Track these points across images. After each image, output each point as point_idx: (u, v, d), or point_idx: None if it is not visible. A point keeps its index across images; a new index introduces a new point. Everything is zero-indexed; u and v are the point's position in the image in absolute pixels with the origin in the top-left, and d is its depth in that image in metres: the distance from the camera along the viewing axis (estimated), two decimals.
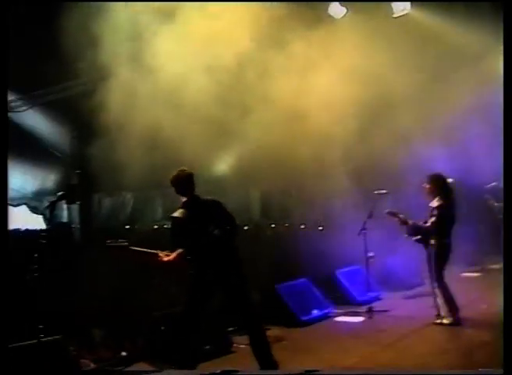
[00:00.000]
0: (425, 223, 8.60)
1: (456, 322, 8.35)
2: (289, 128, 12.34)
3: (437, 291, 8.55)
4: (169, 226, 6.86)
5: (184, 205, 6.49)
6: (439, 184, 8.64)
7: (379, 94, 12.14)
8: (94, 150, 17.87)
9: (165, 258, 6.33)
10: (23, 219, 24.41)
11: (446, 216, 8.51)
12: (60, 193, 5.48)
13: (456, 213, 8.74)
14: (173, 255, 6.31)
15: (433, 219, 8.51)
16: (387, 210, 8.96)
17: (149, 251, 6.47)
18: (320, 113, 11.89)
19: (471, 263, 13.55)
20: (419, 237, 8.64)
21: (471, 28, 12.33)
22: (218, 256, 6.33)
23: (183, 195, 6.57)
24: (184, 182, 6.57)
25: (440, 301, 8.52)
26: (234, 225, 6.61)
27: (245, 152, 18.03)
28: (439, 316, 8.49)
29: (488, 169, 12.37)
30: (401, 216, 8.77)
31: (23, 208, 25.21)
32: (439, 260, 8.53)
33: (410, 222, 8.72)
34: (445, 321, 8.41)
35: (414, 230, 8.68)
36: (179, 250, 6.32)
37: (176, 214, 6.47)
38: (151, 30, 10.73)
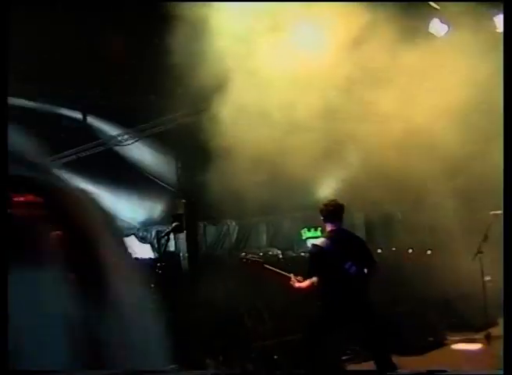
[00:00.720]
0: None
1: None
2: (395, 147, 12.15)
3: None
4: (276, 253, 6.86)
5: (328, 235, 6.44)
6: None
7: (490, 108, 11.80)
8: (199, 180, 18.25)
9: (297, 284, 6.31)
10: (132, 249, 25.15)
11: None
12: (174, 224, 5.56)
13: None
14: (306, 283, 6.29)
15: None
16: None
17: (283, 272, 6.47)
18: (428, 128, 11.67)
19: None
20: None
21: None
22: (351, 293, 6.23)
23: (332, 225, 6.51)
24: (335, 213, 6.54)
25: None
26: (374, 266, 6.51)
27: (348, 175, 17.92)
28: None
29: None
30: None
31: (132, 238, 25.98)
32: None
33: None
34: None
35: None
36: (313, 279, 6.26)
37: (318, 242, 6.44)
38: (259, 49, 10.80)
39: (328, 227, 6.46)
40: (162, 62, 11.00)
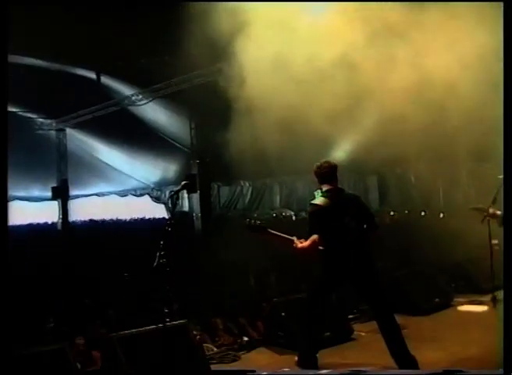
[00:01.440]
0: None
1: None
2: (407, 113, 12.12)
3: None
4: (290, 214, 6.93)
5: (326, 195, 6.51)
6: None
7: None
8: (213, 140, 18.29)
9: (299, 245, 6.40)
10: (146, 208, 25.35)
11: None
12: (184, 182, 5.61)
13: None
14: (307, 243, 6.37)
15: None
16: (471, 206, 9.20)
17: (286, 236, 6.57)
18: (442, 99, 11.61)
19: None
20: None
21: None
22: (352, 248, 6.32)
23: (327, 185, 6.58)
24: (329, 173, 6.60)
25: None
26: (372, 221, 6.59)
27: (362, 138, 17.89)
28: None
29: None
30: (490, 210, 8.64)
31: (146, 198, 26.16)
32: None
33: (498, 212, 8.54)
34: None
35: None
36: (314, 237, 6.35)
37: (317, 201, 6.50)
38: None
39: (325, 187, 6.52)
40: (177, 21, 10.99)
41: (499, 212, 8.62)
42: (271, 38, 10.87)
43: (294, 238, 6.50)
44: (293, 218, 19.91)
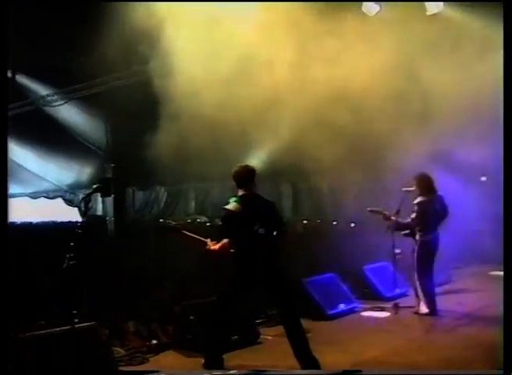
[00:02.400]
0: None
1: (432, 313, 8.94)
2: (320, 123, 12.45)
3: (417, 283, 9.09)
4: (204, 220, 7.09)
5: (240, 199, 6.66)
6: (421, 182, 9.10)
7: (409, 90, 12.26)
8: (128, 144, 18.17)
9: (212, 247, 6.56)
10: (59, 211, 24.89)
11: (427, 213, 8.98)
12: (95, 185, 5.68)
13: (442, 211, 9.31)
14: (218, 245, 6.53)
15: (413, 215, 9.13)
16: (369, 208, 9.66)
17: (199, 238, 6.72)
18: (356, 107, 12.00)
19: (499, 262, 13.59)
20: (408, 231, 9.27)
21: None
22: (261, 254, 6.51)
23: (242, 189, 6.74)
24: (246, 177, 6.76)
25: (420, 292, 9.05)
26: (283, 229, 6.79)
27: (277, 147, 18.18)
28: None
29: None
30: (385, 212, 9.37)
31: (59, 200, 25.68)
32: (420, 255, 9.09)
33: (393, 218, 9.22)
34: (421, 311, 8.97)
35: (397, 225, 9.28)
36: (224, 240, 6.52)
37: (229, 207, 6.65)
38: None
39: (240, 192, 6.71)
40: (94, 22, 10.96)
41: (393, 218, 9.12)
42: (193, 39, 10.98)
43: (208, 240, 6.67)
44: (208, 224, 19.99)
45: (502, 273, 12.77)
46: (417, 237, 9.14)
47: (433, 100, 12.43)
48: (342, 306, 9.27)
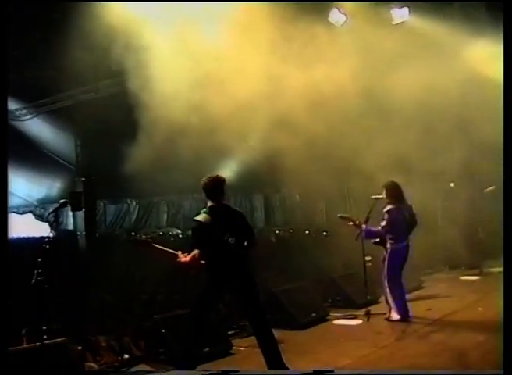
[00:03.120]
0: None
1: (403, 319, 8.97)
2: (292, 132, 12.51)
3: (388, 290, 9.13)
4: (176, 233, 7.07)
5: (209, 210, 6.67)
6: (390, 191, 9.18)
7: (374, 103, 12.44)
8: (99, 158, 18.08)
9: (183, 259, 6.55)
10: (29, 226, 24.65)
11: (397, 221, 9.04)
12: (62, 200, 5.66)
13: (411, 219, 9.34)
14: (189, 257, 6.53)
15: (383, 223, 9.18)
16: (339, 215, 9.69)
17: (170, 250, 6.71)
18: (326, 116, 12.09)
19: (469, 267, 13.83)
20: (378, 239, 9.33)
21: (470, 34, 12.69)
22: (231, 264, 6.53)
23: (212, 200, 6.76)
24: (215, 188, 6.78)
25: (390, 299, 9.09)
26: (252, 239, 6.82)
27: (248, 158, 18.22)
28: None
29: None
30: (356, 221, 9.39)
31: (29, 216, 25.43)
32: (391, 263, 9.15)
33: (364, 226, 9.27)
34: (393, 317, 9.00)
35: (367, 233, 9.32)
36: (195, 251, 6.52)
37: (199, 218, 6.65)
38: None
39: (209, 203, 6.74)
40: (62, 37, 10.92)
41: (363, 226, 9.20)
42: (165, 50, 10.98)
43: (179, 253, 6.67)
44: (180, 236, 19.93)
45: (472, 277, 12.93)
46: (388, 245, 9.19)
47: (399, 107, 12.60)
48: (314, 315, 9.28)
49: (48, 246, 5.27)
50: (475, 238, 14.55)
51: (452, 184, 16.11)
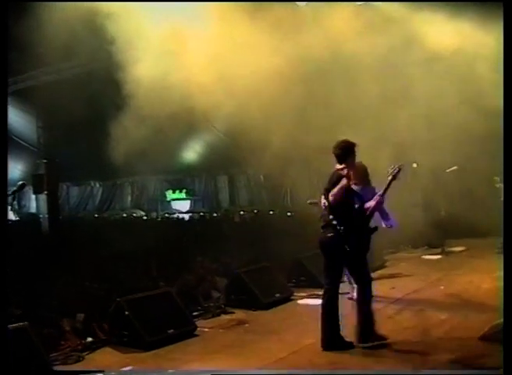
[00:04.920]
0: None
1: None
2: (256, 113, 12.50)
3: None
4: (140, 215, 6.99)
5: None
6: (357, 172, 9.16)
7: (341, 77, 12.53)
8: (61, 140, 17.84)
9: None
10: None
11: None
12: (20, 183, 5.54)
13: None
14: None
15: None
16: (309, 201, 9.64)
17: None
18: (293, 97, 12.10)
19: (432, 246, 14.03)
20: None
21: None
22: None
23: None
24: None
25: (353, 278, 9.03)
26: None
27: (213, 139, 18.18)
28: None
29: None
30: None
31: None
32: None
33: None
34: (354, 297, 8.92)
35: None
36: None
37: None
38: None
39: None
40: (26, 17, 10.71)
41: None
42: (127, 32, 10.85)
43: None
44: (144, 218, 19.84)
45: (434, 256, 13.07)
46: None
47: (361, 87, 12.69)
48: (278, 295, 9.31)
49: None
50: (438, 218, 14.74)
51: (415, 164, 16.27)
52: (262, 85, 11.90)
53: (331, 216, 6.94)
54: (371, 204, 7.43)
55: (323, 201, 7.19)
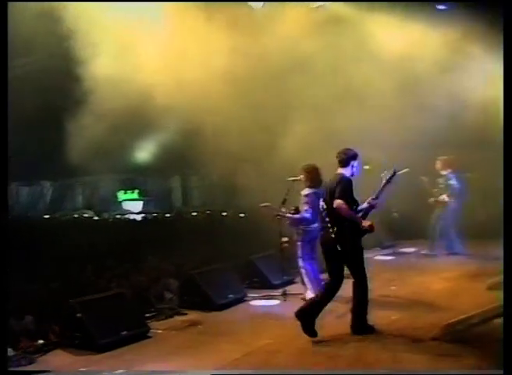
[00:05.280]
0: (296, 209, 9.23)
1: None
2: (210, 113, 12.50)
3: (303, 270, 9.18)
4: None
5: None
6: (310, 174, 9.22)
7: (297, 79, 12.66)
8: (11, 138, 17.45)
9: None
10: None
11: (315, 205, 9.04)
12: None
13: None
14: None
15: (305, 207, 9.10)
16: (262, 204, 9.59)
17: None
18: (247, 97, 12.14)
19: (383, 247, 14.22)
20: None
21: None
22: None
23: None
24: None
25: (306, 279, 9.16)
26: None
27: (165, 139, 18.06)
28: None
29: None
30: (280, 209, 9.34)
31: None
32: (304, 243, 9.15)
33: (289, 214, 9.27)
34: (308, 297, 8.99)
35: (292, 221, 9.29)
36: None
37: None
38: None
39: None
40: None
41: (288, 215, 9.20)
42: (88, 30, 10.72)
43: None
44: (96, 218, 19.56)
45: (386, 257, 13.25)
46: (301, 226, 9.22)
47: (314, 88, 12.84)
48: (231, 296, 9.31)
49: None
50: (389, 219, 14.97)
51: (366, 166, 16.45)
52: (216, 85, 11.94)
53: (327, 219, 7.33)
54: (363, 206, 7.50)
55: (322, 203, 7.55)
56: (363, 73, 13.44)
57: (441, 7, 14.49)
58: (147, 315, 8.42)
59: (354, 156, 7.65)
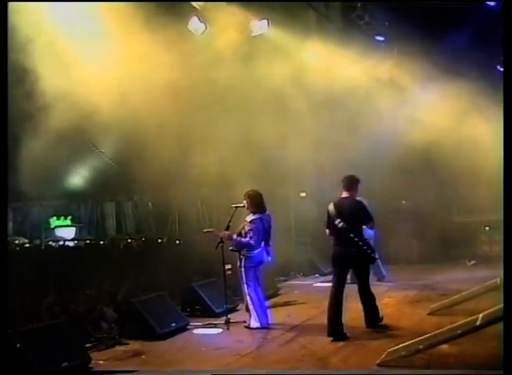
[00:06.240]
0: (239, 234, 9.26)
1: (263, 326, 9.11)
2: (145, 139, 12.37)
3: (247, 297, 9.20)
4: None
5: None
6: (253, 199, 9.27)
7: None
8: None
9: None
10: None
11: (259, 230, 9.19)
12: None
13: (269, 227, 9.49)
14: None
15: (251, 233, 9.15)
16: (205, 230, 9.85)
17: None
18: (179, 121, 12.07)
19: (321, 274, 14.34)
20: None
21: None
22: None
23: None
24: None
25: (250, 306, 9.18)
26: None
27: (100, 165, 17.77)
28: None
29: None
30: (223, 233, 9.36)
31: None
32: (247, 269, 9.19)
33: (235, 236, 9.27)
34: (252, 325, 9.12)
35: (237, 244, 9.29)
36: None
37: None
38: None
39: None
40: None
41: (234, 236, 9.15)
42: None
43: None
44: (27, 245, 18.94)
45: (325, 284, 13.36)
46: (243, 251, 9.17)
47: (251, 113, 12.97)
48: (174, 325, 9.10)
49: None
50: (325, 246, 15.06)
51: (303, 194, 16.60)
52: (152, 109, 11.81)
53: (351, 235, 8.54)
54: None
55: (339, 221, 8.62)
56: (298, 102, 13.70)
57: (380, 38, 14.87)
58: (88, 345, 8.14)
59: (356, 182, 9.08)
